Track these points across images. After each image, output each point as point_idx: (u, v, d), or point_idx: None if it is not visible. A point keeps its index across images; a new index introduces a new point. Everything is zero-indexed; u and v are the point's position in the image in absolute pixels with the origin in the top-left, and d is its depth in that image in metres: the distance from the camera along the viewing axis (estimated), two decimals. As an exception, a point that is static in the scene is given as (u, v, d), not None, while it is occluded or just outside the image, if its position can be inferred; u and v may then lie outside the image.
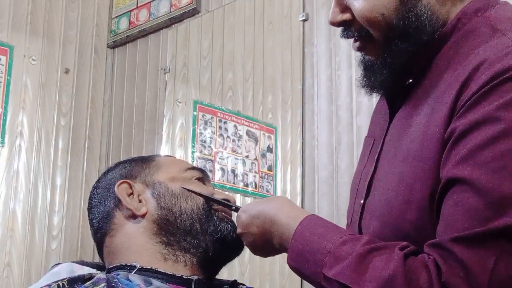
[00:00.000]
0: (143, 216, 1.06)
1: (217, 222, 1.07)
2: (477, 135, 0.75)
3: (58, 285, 0.96)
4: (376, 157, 0.96)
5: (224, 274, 1.14)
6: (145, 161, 1.14)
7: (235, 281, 1.14)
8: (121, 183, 1.08)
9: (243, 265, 2.04)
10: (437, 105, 0.83)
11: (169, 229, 1.05)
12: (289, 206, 0.97)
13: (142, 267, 1.01)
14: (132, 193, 1.08)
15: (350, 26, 0.94)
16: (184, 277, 1.02)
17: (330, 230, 0.87)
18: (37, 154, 2.49)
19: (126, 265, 1.01)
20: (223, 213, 1.10)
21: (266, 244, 0.99)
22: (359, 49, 0.96)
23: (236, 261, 1.12)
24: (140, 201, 1.07)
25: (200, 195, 1.09)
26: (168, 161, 1.16)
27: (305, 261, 0.86)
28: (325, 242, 0.84)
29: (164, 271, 1.01)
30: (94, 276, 0.99)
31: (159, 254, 1.03)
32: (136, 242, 1.04)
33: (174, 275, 1.01)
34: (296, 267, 0.89)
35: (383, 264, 0.76)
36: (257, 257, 2.15)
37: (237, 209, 1.07)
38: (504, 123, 0.74)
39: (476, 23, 0.86)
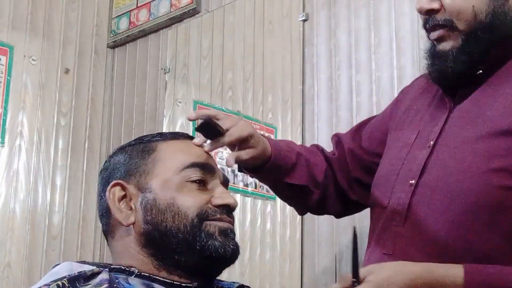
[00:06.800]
0: (133, 224, 1.01)
1: (205, 240, 1.00)
2: None
3: (58, 284, 0.93)
4: (432, 143, 1.04)
5: (224, 274, 1.13)
6: (145, 152, 1.06)
7: (242, 285, 1.12)
8: (113, 186, 1.03)
9: (243, 265, 2.04)
10: None
11: (155, 245, 1.01)
12: (421, 265, 0.97)
13: (140, 273, 0.99)
14: (125, 196, 1.03)
15: (433, 15, 1.02)
16: (183, 284, 1.00)
17: (500, 269, 0.92)
18: (37, 154, 2.49)
19: (125, 269, 1.00)
20: (216, 224, 1.03)
21: None
22: (440, 38, 1.03)
23: (236, 261, 1.10)
24: (131, 208, 1.02)
25: None
26: (170, 152, 1.06)
27: None
28: (504, 278, 0.91)
29: (162, 279, 0.99)
30: (96, 273, 0.97)
31: (152, 265, 1.01)
32: (131, 250, 1.02)
33: (173, 282, 1.00)
34: None
35: None
36: (257, 257, 2.15)
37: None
38: None
39: None
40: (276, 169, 1.20)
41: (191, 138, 1.10)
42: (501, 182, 0.95)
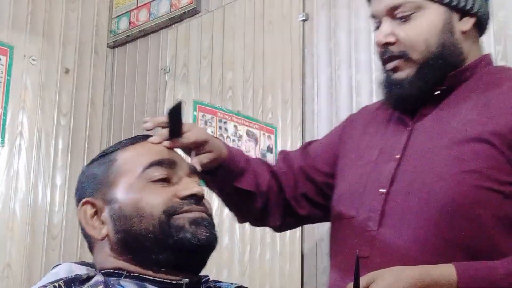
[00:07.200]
0: (107, 236, 1.02)
1: (175, 234, 1.00)
2: None
3: (55, 286, 0.94)
4: (398, 156, 1.14)
5: (224, 274, 1.14)
6: (106, 164, 1.06)
7: (240, 286, 1.11)
8: (82, 205, 1.04)
9: (243, 265, 2.04)
10: (497, 106, 1.09)
11: (131, 250, 1.01)
12: (413, 268, 1.02)
13: (129, 274, 1.00)
14: (96, 212, 1.04)
15: (389, 48, 1.16)
16: (173, 282, 1.00)
17: (486, 263, 1.01)
18: (37, 154, 2.49)
19: (114, 272, 1.00)
20: (184, 216, 1.02)
21: None
22: (395, 68, 1.16)
23: (236, 261, 1.10)
24: (102, 222, 1.03)
25: None
26: (129, 157, 1.06)
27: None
28: (492, 271, 1.00)
29: (152, 278, 0.99)
30: (91, 276, 0.98)
31: (136, 267, 1.01)
32: (111, 259, 1.02)
33: (163, 281, 1.00)
34: None
35: None
36: (257, 257, 2.15)
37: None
38: None
39: (490, 68, 1.19)
40: (228, 172, 1.24)
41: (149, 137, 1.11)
42: (474, 182, 1.05)
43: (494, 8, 1.67)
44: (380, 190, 1.13)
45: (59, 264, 1.07)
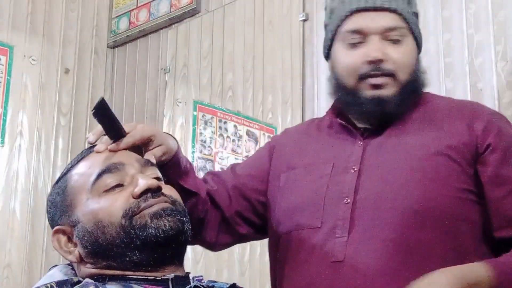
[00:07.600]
0: (81, 256, 1.03)
1: (140, 234, 0.99)
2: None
3: (47, 286, 0.96)
4: (357, 168, 1.20)
5: (224, 274, 1.13)
6: (62, 188, 1.07)
7: (234, 284, 1.10)
8: (53, 234, 1.05)
9: (243, 265, 2.04)
10: (446, 126, 1.20)
11: (104, 257, 1.01)
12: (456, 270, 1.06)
13: (112, 276, 1.00)
14: (69, 237, 1.04)
15: (380, 64, 1.21)
16: (158, 278, 0.99)
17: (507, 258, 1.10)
18: (37, 154, 2.49)
19: (98, 278, 1.00)
20: (144, 213, 1.00)
21: None
22: (380, 85, 1.21)
23: (236, 261, 1.10)
24: (75, 245, 1.03)
25: None
26: (79, 175, 1.06)
27: None
28: None
29: (135, 277, 0.99)
30: (81, 281, 0.99)
31: (116, 270, 1.01)
32: (91, 270, 1.02)
33: (147, 278, 0.99)
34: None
35: None
36: (257, 257, 2.15)
37: None
38: None
39: (422, 96, 1.30)
40: (176, 167, 1.22)
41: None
42: (439, 190, 1.14)
43: (494, 8, 1.68)
44: (345, 200, 1.18)
45: (56, 266, 1.08)
